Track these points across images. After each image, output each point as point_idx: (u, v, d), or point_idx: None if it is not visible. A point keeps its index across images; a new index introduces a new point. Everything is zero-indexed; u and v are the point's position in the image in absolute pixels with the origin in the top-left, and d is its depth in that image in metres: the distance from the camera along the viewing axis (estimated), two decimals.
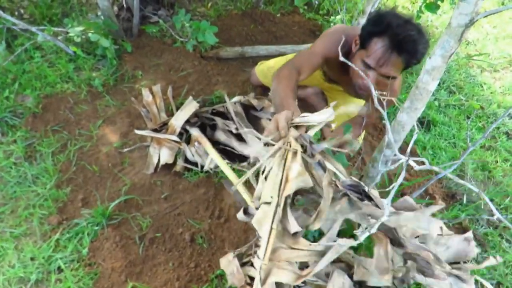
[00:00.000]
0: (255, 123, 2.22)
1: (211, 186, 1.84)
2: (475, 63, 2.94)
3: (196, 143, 1.95)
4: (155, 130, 2.02)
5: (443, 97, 2.51)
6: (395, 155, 1.13)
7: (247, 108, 2.20)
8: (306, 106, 2.27)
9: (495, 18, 3.60)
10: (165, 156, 1.88)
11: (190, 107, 2.03)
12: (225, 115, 2.18)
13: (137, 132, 1.95)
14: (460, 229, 1.84)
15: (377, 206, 1.01)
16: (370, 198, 1.02)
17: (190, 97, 2.07)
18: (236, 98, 2.14)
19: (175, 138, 1.93)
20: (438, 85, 2.67)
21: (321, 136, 1.96)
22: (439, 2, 1.83)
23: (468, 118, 2.43)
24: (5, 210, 1.65)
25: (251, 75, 2.34)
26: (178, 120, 1.99)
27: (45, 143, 1.91)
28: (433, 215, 1.63)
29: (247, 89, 2.37)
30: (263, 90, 2.37)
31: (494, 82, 2.80)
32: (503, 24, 3.48)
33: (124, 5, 2.37)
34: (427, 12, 1.86)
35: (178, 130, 1.97)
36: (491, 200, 1.94)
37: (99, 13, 2.64)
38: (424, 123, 2.36)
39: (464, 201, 1.91)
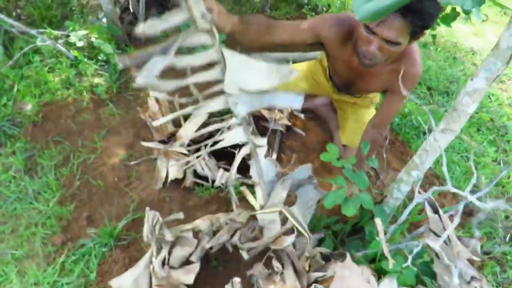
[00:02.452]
0: (265, 134, 2.15)
1: (223, 202, 1.76)
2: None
3: (206, 156, 1.87)
4: (162, 142, 1.93)
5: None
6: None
7: (258, 119, 2.13)
8: (316, 117, 2.21)
9: (499, 27, 3.59)
10: (174, 171, 1.80)
11: (199, 117, 1.95)
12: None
13: (144, 144, 1.85)
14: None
15: None
16: None
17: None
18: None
19: (183, 150, 1.84)
20: (447, 95, 2.64)
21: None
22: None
23: (479, 130, 2.40)
24: (5, 229, 1.55)
25: None
26: (186, 132, 1.90)
27: (46, 155, 1.80)
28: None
29: None
30: None
31: (501, 93, 2.78)
32: None
33: (132, 9, 2.27)
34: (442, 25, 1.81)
35: (186, 142, 1.89)
36: (507, 217, 1.90)
37: (100, 15, 2.54)
38: None
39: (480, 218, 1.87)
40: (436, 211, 1.35)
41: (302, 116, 2.06)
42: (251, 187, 1.83)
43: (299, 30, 1.49)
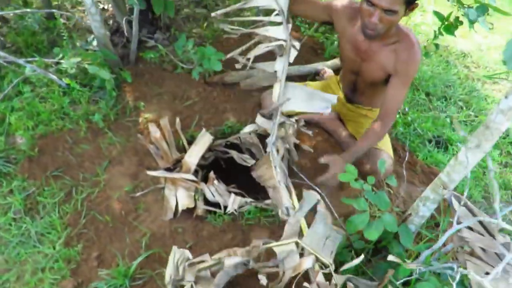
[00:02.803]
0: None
1: (238, 230, 1.69)
2: (474, 76, 2.96)
3: (215, 182, 1.80)
4: (168, 169, 1.86)
5: (453, 113, 2.49)
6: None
7: (263, 138, 2.07)
8: (320, 133, 2.17)
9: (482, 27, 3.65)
10: (183, 199, 1.72)
11: (205, 141, 1.89)
12: (239, 147, 2.04)
13: (149, 173, 1.77)
14: None
15: None
16: None
17: (204, 130, 1.92)
18: (249, 127, 2.00)
19: (191, 177, 1.77)
20: (445, 100, 2.65)
21: None
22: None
23: None
24: (10, 277, 1.44)
25: (262, 100, 2.20)
26: (192, 157, 1.84)
27: (47, 193, 1.70)
28: None
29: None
30: None
31: (496, 95, 2.81)
32: (492, 34, 3.54)
33: (125, 32, 2.18)
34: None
35: (193, 168, 1.82)
36: None
37: (89, 39, 2.45)
38: (441, 142, 2.31)
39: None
40: (464, 205, 1.33)
41: (310, 132, 2.02)
42: (264, 211, 1.78)
43: (316, 7, 1.82)
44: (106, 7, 2.81)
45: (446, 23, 1.79)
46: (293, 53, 1.75)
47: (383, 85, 1.81)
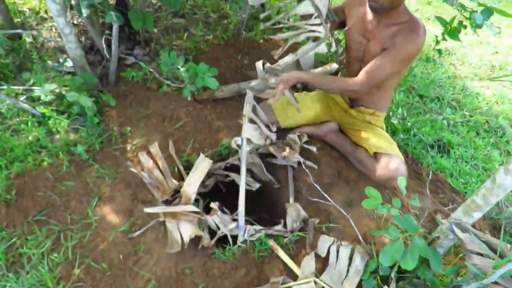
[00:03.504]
0: (274, 172, 1.97)
1: (251, 264, 1.55)
2: (461, 74, 2.95)
3: (219, 213, 1.64)
4: (166, 202, 1.69)
5: (449, 115, 2.45)
6: None
7: (263, 157, 1.95)
8: (323, 147, 2.06)
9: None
10: (188, 230, 1.55)
11: (203, 166, 1.73)
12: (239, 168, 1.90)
13: (147, 210, 1.59)
14: None
15: None
16: None
17: (202, 155, 1.76)
18: (247, 146, 1.87)
19: (193, 208, 1.61)
20: (438, 101, 2.61)
21: None
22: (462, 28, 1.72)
23: (478, 134, 2.39)
24: None
25: None
26: (191, 186, 1.68)
27: (31, 242, 1.50)
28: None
29: None
30: (277, 131, 2.12)
31: (485, 92, 2.81)
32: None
33: (103, 50, 1.99)
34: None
35: (193, 197, 1.66)
36: None
37: (61, 59, 2.22)
38: (441, 146, 2.26)
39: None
40: (465, 231, 1.26)
41: (314, 149, 1.91)
42: (276, 239, 1.65)
43: (338, 11, 1.90)
44: (76, 21, 2.58)
45: (449, 28, 1.72)
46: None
47: None
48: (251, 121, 1.73)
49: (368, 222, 1.72)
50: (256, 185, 1.80)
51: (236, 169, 1.88)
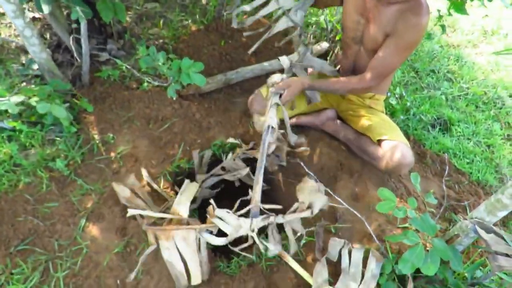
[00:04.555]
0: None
1: (259, 275, 1.46)
2: (453, 42, 2.83)
3: (217, 211, 1.48)
4: (160, 222, 1.51)
5: (447, 89, 2.35)
6: None
7: (252, 161, 1.79)
8: (322, 137, 1.94)
9: None
10: (190, 259, 1.39)
11: (190, 190, 1.55)
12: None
13: (145, 228, 1.45)
14: None
15: None
16: None
17: (187, 181, 1.58)
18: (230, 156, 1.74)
19: (188, 219, 1.46)
20: (434, 74, 2.50)
21: None
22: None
23: (477, 107, 2.30)
24: None
25: (251, 105, 1.91)
26: (181, 205, 1.49)
27: (17, 277, 1.36)
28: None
29: (246, 126, 1.96)
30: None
31: (480, 60, 2.71)
32: None
33: (72, 49, 1.78)
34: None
35: (186, 214, 1.47)
36: None
37: (25, 61, 2.00)
38: (442, 124, 2.17)
39: None
40: (489, 231, 1.19)
41: (307, 150, 1.78)
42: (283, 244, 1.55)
43: None
44: (37, 15, 2.32)
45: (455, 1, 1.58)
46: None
47: None
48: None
49: (376, 216, 1.64)
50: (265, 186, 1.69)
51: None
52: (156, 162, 1.73)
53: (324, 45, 2.39)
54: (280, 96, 1.60)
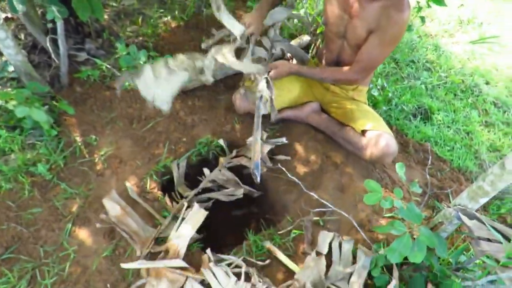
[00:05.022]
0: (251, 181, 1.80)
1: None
2: (431, 32, 2.88)
3: (211, 265, 1.35)
4: (151, 255, 1.42)
5: (426, 78, 2.39)
6: None
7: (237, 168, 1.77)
8: (309, 129, 1.95)
9: None
10: None
11: (198, 217, 1.44)
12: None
13: (124, 266, 1.32)
14: (506, 225, 1.76)
15: None
16: None
17: (196, 205, 1.47)
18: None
19: (180, 263, 1.34)
20: (414, 64, 2.55)
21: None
22: None
23: (456, 95, 2.36)
24: None
25: (235, 101, 1.91)
26: (181, 239, 1.40)
27: (3, 287, 1.33)
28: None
29: (231, 123, 1.95)
30: (252, 119, 1.98)
31: (457, 50, 2.77)
32: None
33: (49, 49, 1.73)
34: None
35: (183, 251, 1.38)
36: None
37: (0, 62, 1.94)
38: (423, 113, 2.22)
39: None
40: (472, 217, 1.23)
41: (284, 139, 1.79)
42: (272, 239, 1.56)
43: None
44: (10, 15, 2.25)
45: None
46: None
47: None
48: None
49: (363, 207, 1.67)
50: (255, 193, 1.70)
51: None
52: (142, 163, 1.71)
53: (306, 38, 2.39)
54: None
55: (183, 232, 1.39)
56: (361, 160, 1.79)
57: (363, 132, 1.73)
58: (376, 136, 1.67)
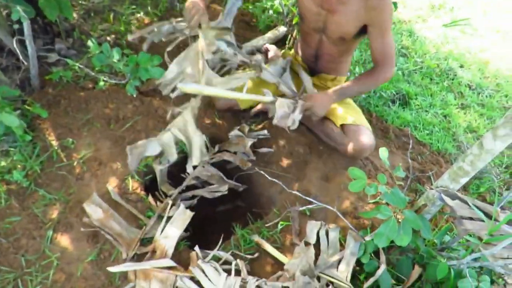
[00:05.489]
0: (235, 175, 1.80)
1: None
2: (404, 18, 2.92)
3: (200, 262, 1.34)
4: (137, 256, 1.40)
5: (403, 64, 2.42)
6: None
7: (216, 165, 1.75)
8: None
9: None
10: None
11: (184, 218, 1.45)
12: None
13: (111, 269, 1.31)
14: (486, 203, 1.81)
15: None
16: None
17: (182, 206, 1.49)
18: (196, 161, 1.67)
19: (169, 263, 1.33)
20: (405, 55, 2.57)
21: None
22: None
23: (432, 80, 2.40)
24: None
25: (214, 98, 1.89)
26: (169, 239, 1.40)
27: None
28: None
29: (213, 119, 1.93)
30: (233, 114, 1.96)
31: (430, 35, 2.82)
32: None
33: (16, 51, 1.66)
34: None
35: (171, 251, 1.37)
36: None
37: None
38: (401, 99, 2.25)
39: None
40: (454, 198, 1.26)
41: (265, 132, 1.78)
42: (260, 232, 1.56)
43: None
44: None
45: None
46: None
47: (352, 41, 1.66)
48: None
49: (347, 194, 1.68)
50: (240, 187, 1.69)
51: None
52: (122, 163, 1.67)
53: (282, 29, 2.38)
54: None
55: (170, 233, 1.37)
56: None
57: (342, 126, 1.74)
58: (354, 131, 1.68)
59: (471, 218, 1.20)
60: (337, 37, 1.64)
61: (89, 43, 1.75)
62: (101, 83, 1.89)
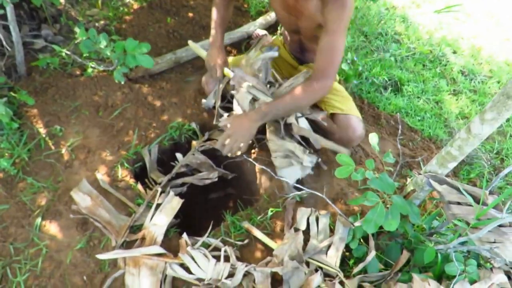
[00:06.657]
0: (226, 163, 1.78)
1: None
2: (398, 4, 2.89)
3: (189, 249, 1.33)
4: (127, 244, 1.39)
5: (395, 50, 2.41)
6: None
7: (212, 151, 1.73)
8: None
9: None
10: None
11: (173, 205, 1.45)
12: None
13: (100, 257, 1.31)
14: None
15: None
16: None
17: (171, 193, 1.49)
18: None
19: (159, 249, 1.33)
20: (382, 36, 2.55)
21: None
22: None
23: (424, 66, 2.39)
24: None
25: (205, 84, 1.86)
26: (158, 226, 1.39)
27: None
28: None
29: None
30: (221, 101, 1.94)
31: (424, 21, 2.79)
32: None
33: (2, 38, 1.62)
34: None
35: (160, 238, 1.38)
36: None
37: None
38: (393, 85, 2.24)
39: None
40: (442, 183, 1.26)
41: None
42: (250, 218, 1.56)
43: None
44: None
45: None
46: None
47: None
48: None
49: (338, 181, 1.68)
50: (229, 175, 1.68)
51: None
52: (111, 151, 1.65)
53: (273, 15, 2.35)
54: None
55: (159, 221, 1.37)
56: None
57: (332, 115, 1.73)
58: (344, 121, 1.67)
59: (459, 203, 1.20)
60: (311, 36, 1.62)
61: (76, 29, 1.71)
62: (89, 70, 1.86)
